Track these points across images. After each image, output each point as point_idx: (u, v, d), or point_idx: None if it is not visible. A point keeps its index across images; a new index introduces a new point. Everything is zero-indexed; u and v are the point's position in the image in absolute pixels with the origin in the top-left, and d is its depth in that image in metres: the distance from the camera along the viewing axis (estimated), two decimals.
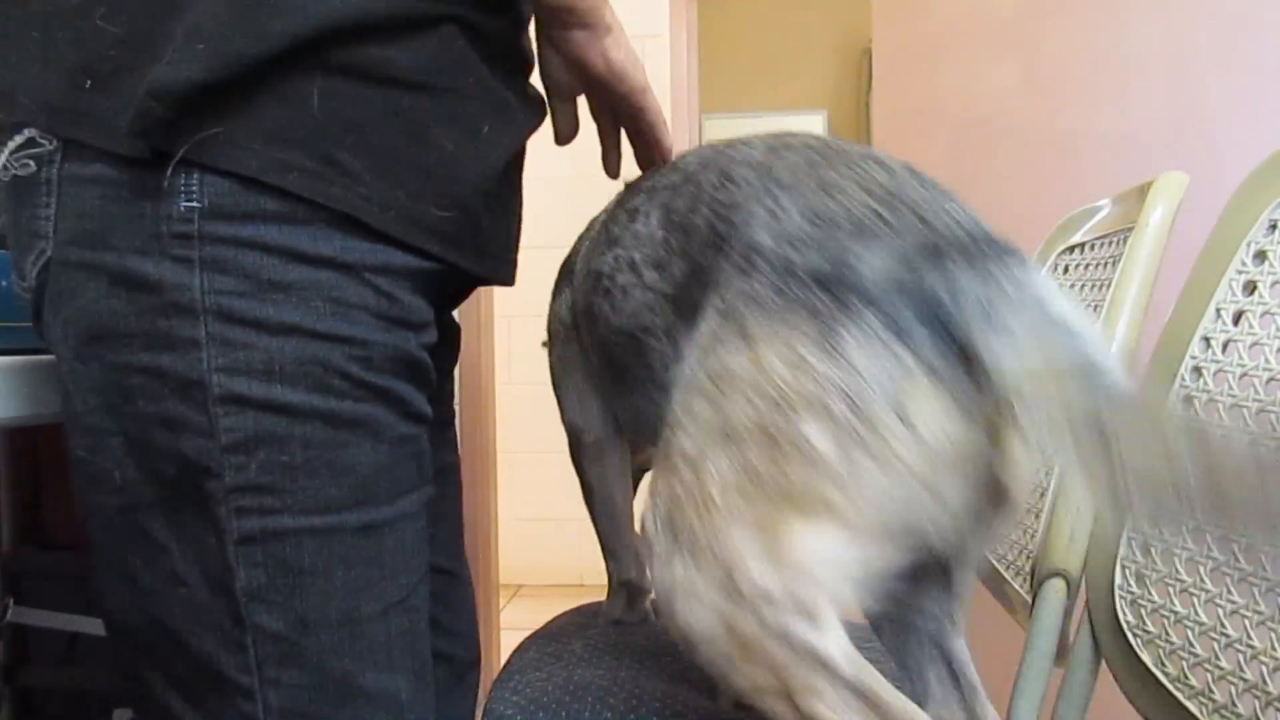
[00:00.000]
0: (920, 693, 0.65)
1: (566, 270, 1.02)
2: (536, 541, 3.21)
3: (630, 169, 0.97)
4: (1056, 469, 0.87)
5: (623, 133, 0.92)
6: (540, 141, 0.86)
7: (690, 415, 0.59)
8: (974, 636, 1.23)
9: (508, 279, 0.77)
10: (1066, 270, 1.07)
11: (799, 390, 0.53)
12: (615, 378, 0.86)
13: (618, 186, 1.00)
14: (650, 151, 0.89)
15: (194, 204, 0.58)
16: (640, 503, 0.70)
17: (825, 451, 0.52)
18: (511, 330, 3.12)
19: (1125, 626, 0.73)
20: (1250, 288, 0.69)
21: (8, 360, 0.69)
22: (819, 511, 0.53)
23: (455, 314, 0.88)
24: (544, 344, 1.09)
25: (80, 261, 0.60)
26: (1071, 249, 1.07)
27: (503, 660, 0.99)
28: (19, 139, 0.60)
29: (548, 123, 0.87)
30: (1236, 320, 0.70)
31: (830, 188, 0.61)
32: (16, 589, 1.40)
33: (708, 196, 0.69)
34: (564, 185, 3.16)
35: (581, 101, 0.95)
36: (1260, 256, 0.69)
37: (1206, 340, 0.71)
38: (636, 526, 1.07)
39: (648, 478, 0.67)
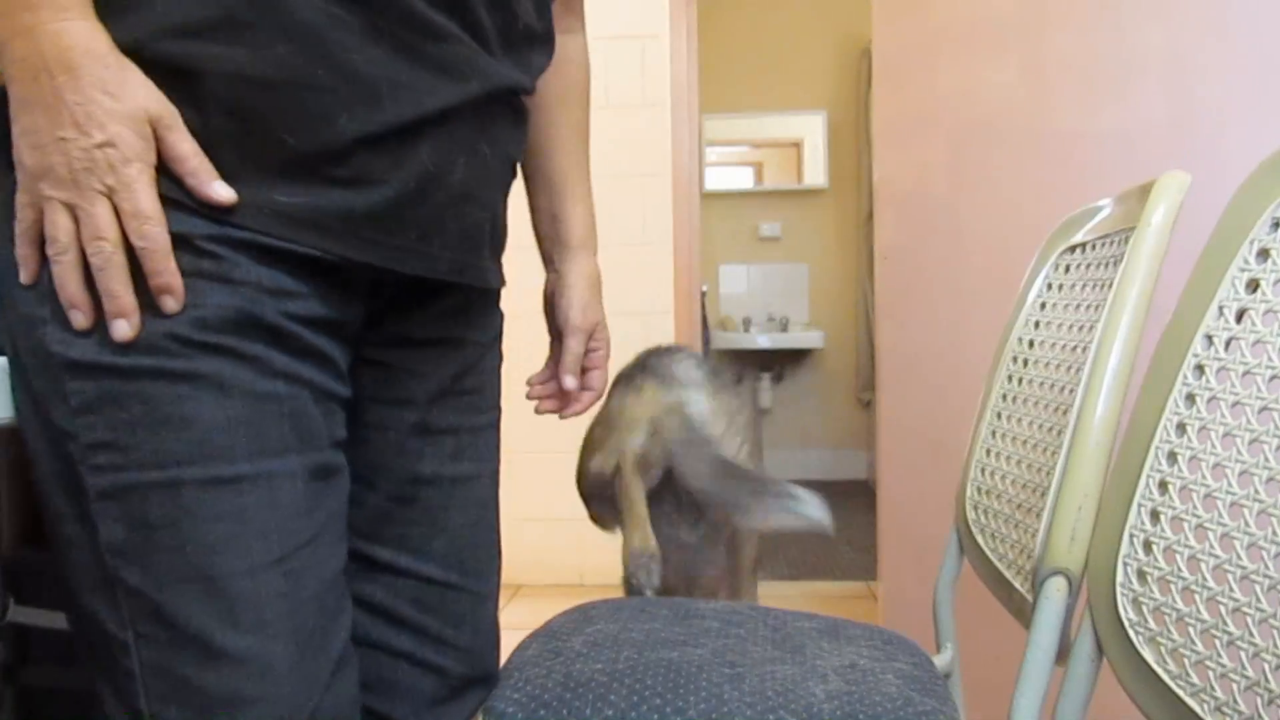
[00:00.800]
0: None
1: None
2: (536, 541, 3.21)
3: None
4: (1058, 469, 0.87)
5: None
6: None
7: None
8: (975, 635, 1.23)
9: (435, 271, 0.78)
10: (1068, 270, 1.07)
11: None
12: None
13: (620, 187, 1.16)
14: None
15: None
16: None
17: None
18: (511, 330, 3.12)
19: (1127, 624, 0.73)
20: (1253, 285, 0.69)
21: (6, 360, 0.69)
22: None
23: (470, 326, 0.90)
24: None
25: None
26: (1073, 249, 1.07)
27: (503, 659, 0.99)
28: None
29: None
30: (1239, 318, 0.69)
31: None
32: (16, 589, 1.40)
33: None
34: None
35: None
36: (1263, 254, 0.69)
37: (1209, 338, 0.71)
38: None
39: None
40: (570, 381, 1.13)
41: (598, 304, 1.12)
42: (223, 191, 0.65)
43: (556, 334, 1.14)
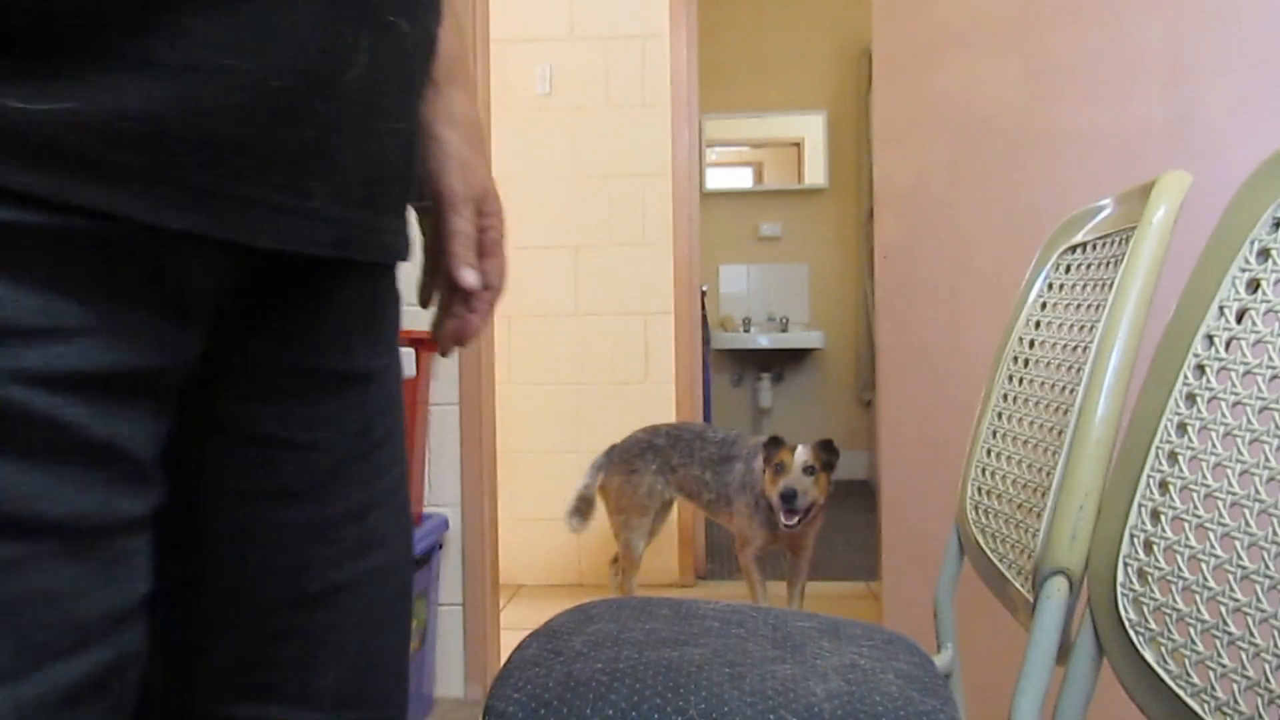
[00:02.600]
0: None
1: None
2: (536, 541, 3.21)
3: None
4: (1058, 469, 0.87)
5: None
6: (539, 139, 0.87)
7: None
8: (976, 635, 1.24)
9: (318, 244, 0.49)
10: (1068, 270, 1.07)
11: None
12: None
13: (620, 187, 1.02)
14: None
15: None
16: None
17: None
18: (511, 330, 3.12)
19: (1127, 624, 0.73)
20: (1253, 285, 0.69)
21: None
22: None
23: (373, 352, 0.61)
24: None
25: None
26: (1074, 248, 1.07)
27: (503, 659, 0.99)
28: None
29: (543, 117, 0.76)
30: (1240, 318, 0.69)
31: None
32: None
33: None
34: (563, 184, 3.17)
35: (583, 99, 0.93)
36: (1264, 254, 0.69)
37: (1210, 338, 0.71)
38: None
39: None
40: (470, 276, 0.67)
41: (482, 163, 0.70)
42: None
43: (431, 216, 0.70)
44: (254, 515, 0.54)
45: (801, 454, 2.38)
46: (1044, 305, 1.10)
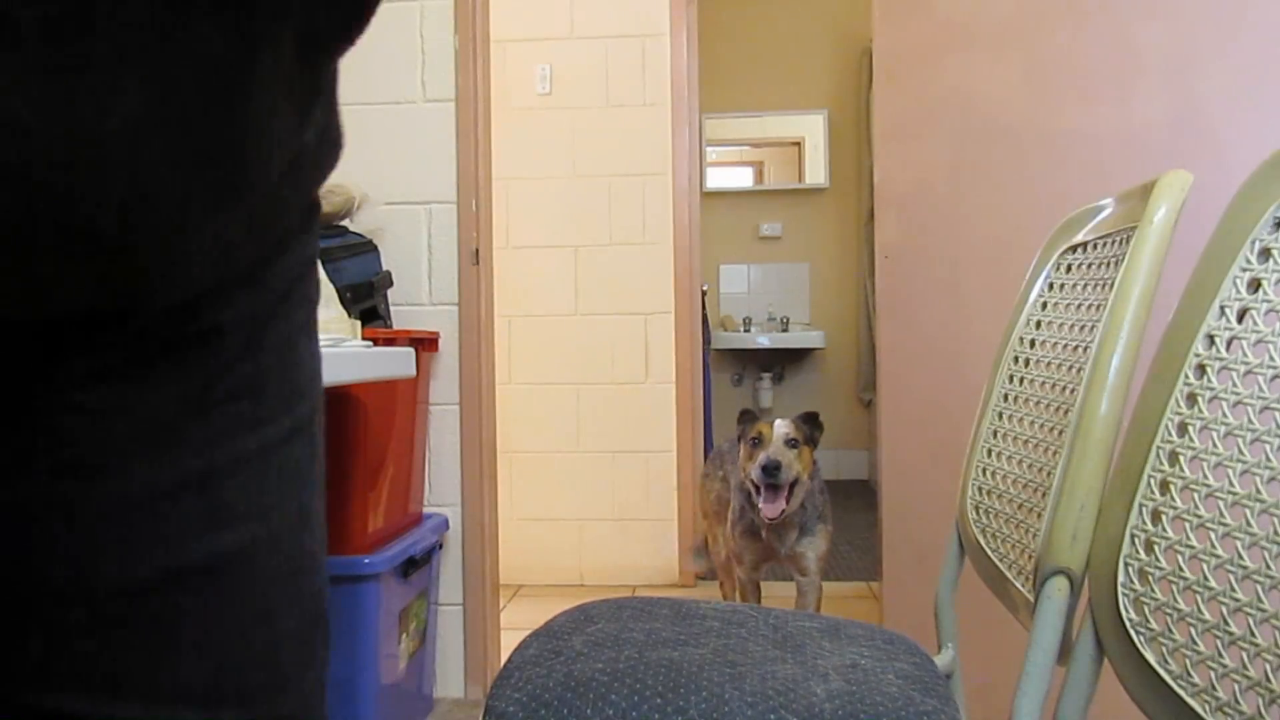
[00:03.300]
0: None
1: None
2: (536, 541, 3.21)
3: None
4: (1059, 469, 0.87)
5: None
6: (539, 139, 0.87)
7: None
8: (976, 635, 1.24)
9: None
10: (1069, 269, 1.07)
11: None
12: None
13: (620, 187, 1.01)
14: None
15: None
16: None
17: None
18: (511, 330, 3.12)
19: (1128, 624, 0.72)
20: (1254, 285, 0.69)
21: None
22: None
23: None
24: None
25: None
26: (1074, 248, 1.07)
27: (503, 659, 0.99)
28: None
29: (543, 117, 0.76)
30: (1241, 318, 0.69)
31: None
32: None
33: None
34: (563, 184, 3.17)
35: (583, 99, 0.94)
36: (1265, 254, 0.69)
37: (1211, 338, 0.71)
38: None
39: None
40: None
41: None
42: None
43: None
44: (32, 491, 0.46)
45: (782, 426, 2.13)
46: (1045, 305, 1.10)
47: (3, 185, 0.35)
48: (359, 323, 1.93)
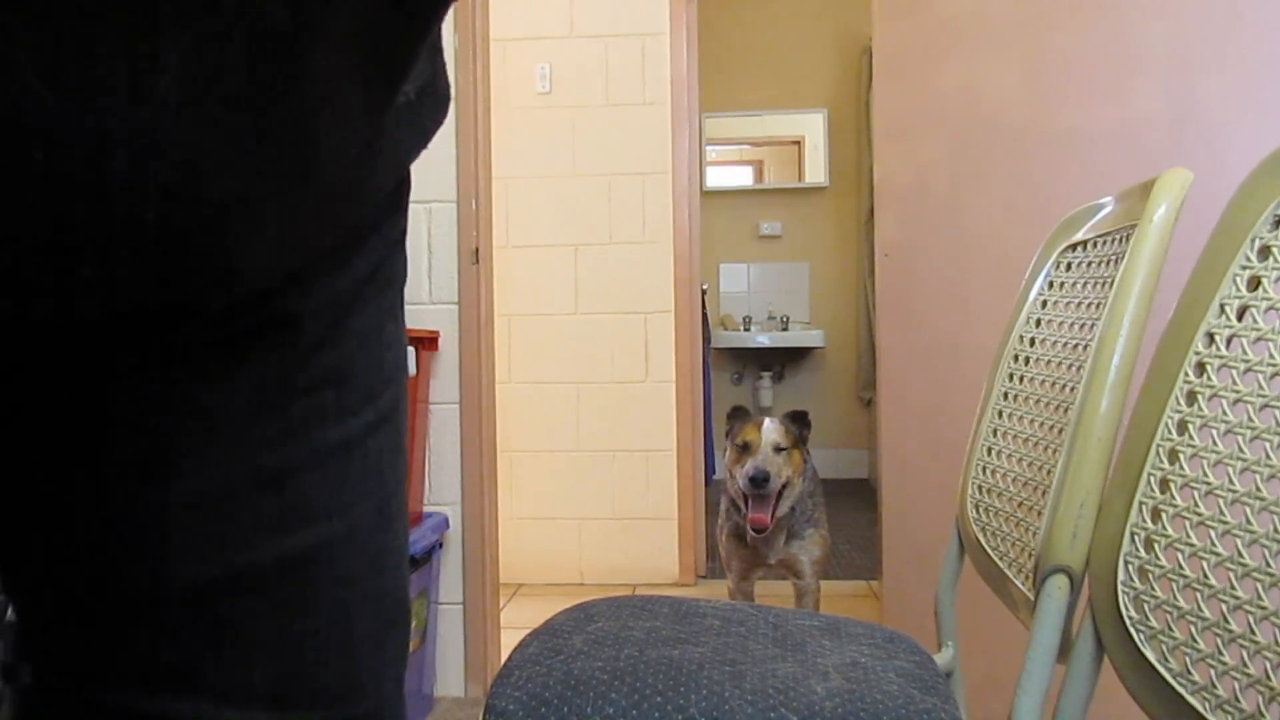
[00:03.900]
0: None
1: None
2: (536, 541, 3.21)
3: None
4: (1059, 467, 0.87)
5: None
6: (539, 137, 0.86)
7: None
8: (976, 633, 1.24)
9: None
10: (1069, 268, 1.07)
11: None
12: None
13: (620, 186, 1.00)
14: None
15: None
16: None
17: None
18: (511, 329, 3.12)
19: (1128, 622, 0.72)
20: (1254, 283, 0.69)
21: None
22: None
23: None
24: None
25: None
26: (1074, 246, 1.07)
27: (503, 658, 0.99)
28: None
29: (543, 116, 0.76)
30: (1240, 316, 0.69)
31: None
32: None
33: None
34: (563, 183, 3.17)
35: (583, 97, 0.93)
36: (1264, 252, 0.69)
37: (1210, 336, 0.71)
38: None
39: None
40: None
41: None
42: None
43: None
44: (113, 484, 0.45)
45: (770, 430, 2.04)
46: (1045, 303, 1.10)
47: (30, 181, 0.33)
48: None
